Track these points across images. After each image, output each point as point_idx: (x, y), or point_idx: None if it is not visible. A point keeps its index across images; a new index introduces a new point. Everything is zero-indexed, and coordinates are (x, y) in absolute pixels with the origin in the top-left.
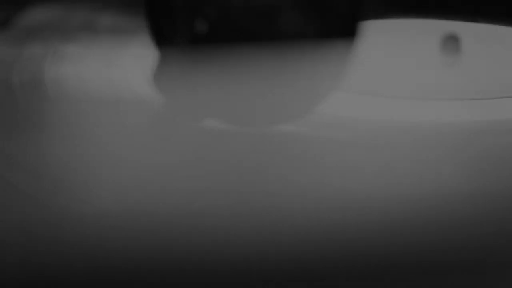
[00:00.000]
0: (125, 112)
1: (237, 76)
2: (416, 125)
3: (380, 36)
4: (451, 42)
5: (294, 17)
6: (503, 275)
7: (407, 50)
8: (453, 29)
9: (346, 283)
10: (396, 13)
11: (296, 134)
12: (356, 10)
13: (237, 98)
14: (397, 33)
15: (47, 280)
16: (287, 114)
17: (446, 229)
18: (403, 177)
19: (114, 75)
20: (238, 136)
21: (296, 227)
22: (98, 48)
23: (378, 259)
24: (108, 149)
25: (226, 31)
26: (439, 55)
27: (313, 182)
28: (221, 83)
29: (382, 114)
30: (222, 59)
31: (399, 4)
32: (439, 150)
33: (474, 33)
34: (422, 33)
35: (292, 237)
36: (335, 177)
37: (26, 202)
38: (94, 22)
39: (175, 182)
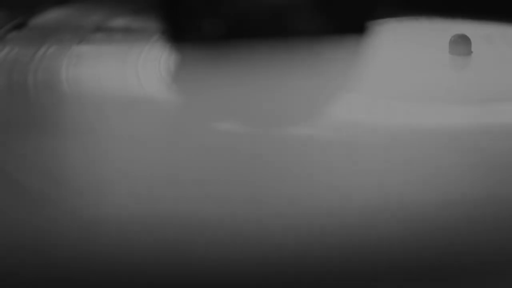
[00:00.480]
0: (141, 112)
1: (251, 76)
2: (425, 128)
3: (389, 37)
4: (461, 43)
5: (309, 18)
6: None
7: (416, 51)
8: (463, 31)
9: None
10: (406, 13)
11: (307, 136)
12: (366, 11)
13: (251, 99)
14: (406, 34)
15: (51, 282)
16: (298, 116)
17: (452, 234)
18: (412, 180)
19: (129, 76)
20: (251, 138)
21: (306, 229)
22: (113, 49)
23: (388, 263)
24: (122, 151)
25: (242, 30)
26: (449, 56)
27: (324, 184)
28: (235, 84)
29: (391, 116)
30: (237, 59)
31: (409, 4)
32: (449, 153)
33: (484, 34)
34: (431, 34)
35: (302, 240)
36: (345, 179)
37: (36, 203)
38: (109, 23)
39: (188, 185)
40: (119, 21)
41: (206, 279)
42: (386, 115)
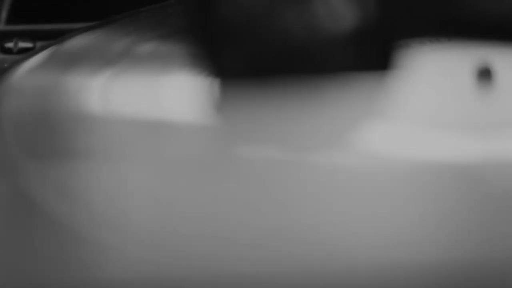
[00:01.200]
0: (171, 138)
1: (282, 105)
2: (448, 157)
3: (415, 65)
4: (486, 72)
5: (339, 51)
6: None
7: (442, 81)
8: (487, 59)
9: None
10: (432, 40)
11: (333, 163)
12: (395, 43)
13: (281, 126)
14: (432, 61)
15: None
16: (326, 143)
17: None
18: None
19: (159, 101)
20: (282, 165)
21: (328, 256)
22: (143, 74)
23: None
24: (151, 178)
25: (273, 62)
26: (474, 85)
27: (350, 212)
28: (267, 111)
29: (416, 144)
30: (269, 88)
31: (434, 32)
32: (472, 186)
33: (509, 62)
34: (457, 63)
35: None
36: (368, 207)
37: (63, 235)
38: (138, 47)
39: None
40: (148, 46)
41: None
42: (411, 145)
